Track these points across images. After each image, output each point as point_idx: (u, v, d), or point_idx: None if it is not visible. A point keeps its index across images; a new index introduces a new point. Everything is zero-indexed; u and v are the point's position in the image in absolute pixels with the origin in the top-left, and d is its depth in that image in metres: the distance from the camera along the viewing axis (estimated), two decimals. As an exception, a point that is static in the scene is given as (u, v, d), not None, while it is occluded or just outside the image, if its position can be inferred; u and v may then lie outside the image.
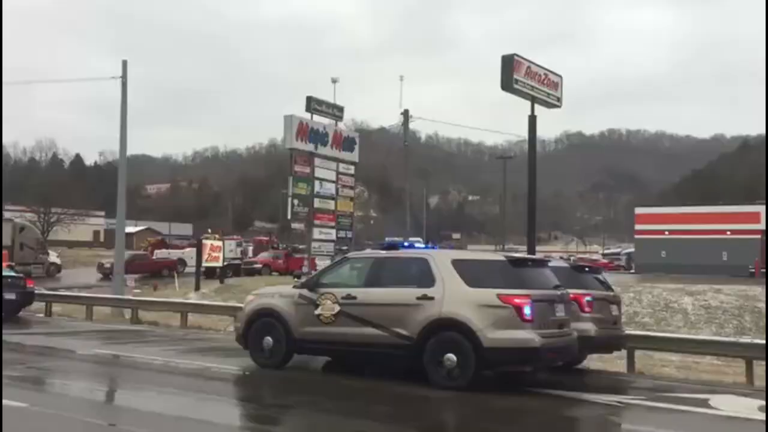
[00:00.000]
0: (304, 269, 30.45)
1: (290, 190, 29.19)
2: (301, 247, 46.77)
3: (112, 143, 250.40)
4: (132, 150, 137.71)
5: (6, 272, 18.80)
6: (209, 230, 48.94)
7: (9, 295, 17.41)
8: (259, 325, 10.61)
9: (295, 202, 29.08)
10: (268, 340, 10.49)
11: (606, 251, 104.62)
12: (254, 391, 9.98)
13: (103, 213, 74.59)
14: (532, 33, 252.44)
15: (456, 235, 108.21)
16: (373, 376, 10.30)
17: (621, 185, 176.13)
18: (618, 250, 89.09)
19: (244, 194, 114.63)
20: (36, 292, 19.65)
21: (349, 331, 9.85)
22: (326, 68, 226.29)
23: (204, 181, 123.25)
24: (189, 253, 40.12)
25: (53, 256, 37.21)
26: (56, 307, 20.27)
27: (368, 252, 13.87)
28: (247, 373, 10.53)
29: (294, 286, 10.96)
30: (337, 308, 9.96)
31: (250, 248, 46.86)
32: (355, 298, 9.88)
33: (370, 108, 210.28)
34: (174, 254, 40.78)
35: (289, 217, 29.25)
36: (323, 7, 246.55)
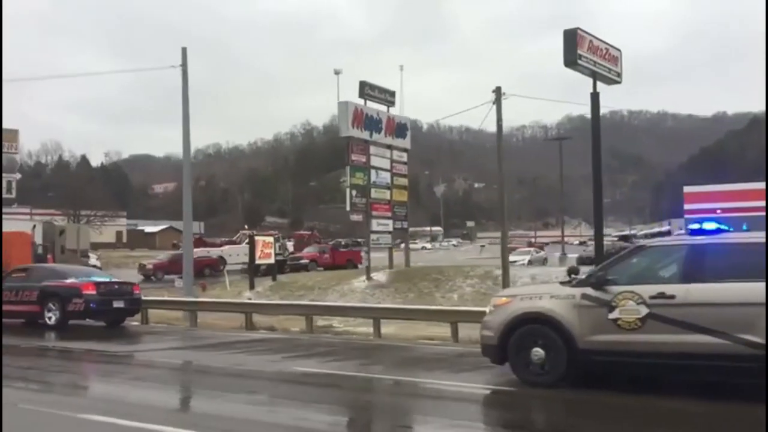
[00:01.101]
0: (365, 263, 29.32)
1: (348, 181, 28.01)
2: (342, 241, 45.59)
3: (115, 144, 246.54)
4: (134, 150, 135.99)
5: (109, 278, 17.53)
6: (246, 227, 47.71)
7: (118, 303, 16.13)
8: (523, 334, 8.59)
9: (353, 192, 27.92)
10: (539, 352, 8.45)
11: (619, 233, 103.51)
12: (543, 414, 8.00)
13: (125, 214, 73.19)
14: (531, 17, 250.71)
15: (470, 223, 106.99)
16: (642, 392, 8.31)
17: (625, 166, 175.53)
18: (653, 230, 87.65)
19: (252, 190, 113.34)
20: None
21: (664, 340, 7.83)
22: (325, 62, 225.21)
23: (210, 179, 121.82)
24: (227, 251, 38.91)
25: (93, 259, 36.00)
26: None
27: (673, 238, 11.85)
28: (509, 393, 8.58)
29: (567, 284, 8.86)
30: (644, 310, 7.97)
31: (288, 243, 45.51)
32: (672, 297, 7.89)
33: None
34: (213, 252, 39.53)
35: (348, 208, 28.05)
36: (317, 0, 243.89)
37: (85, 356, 13.03)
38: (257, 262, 29.68)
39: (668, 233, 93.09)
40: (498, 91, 18.61)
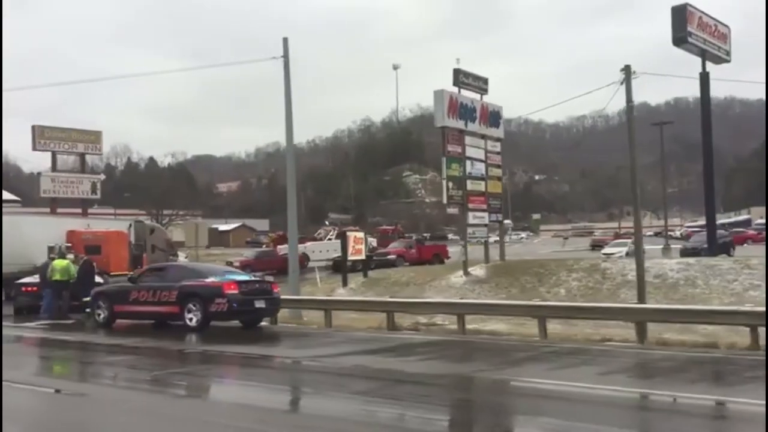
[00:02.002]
0: (461, 257, 28.27)
1: (443, 172, 27.01)
2: (426, 235, 44.61)
3: (180, 145, 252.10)
4: (196, 150, 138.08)
5: (248, 276, 16.86)
6: (327, 223, 47.24)
7: (259, 303, 15.20)
8: None
9: (450, 184, 26.92)
10: None
11: (691, 224, 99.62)
12: None
13: (201, 213, 74.01)
14: (589, 4, 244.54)
15: (535, 215, 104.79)
16: None
17: (692, 155, 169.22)
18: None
19: (313, 187, 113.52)
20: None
21: None
22: (378, 58, 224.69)
23: (273, 177, 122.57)
24: (310, 248, 38.39)
25: (182, 257, 36.03)
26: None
27: None
28: None
29: None
30: None
31: (370, 239, 44.75)
32: None
33: (431, 93, 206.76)
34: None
35: (444, 201, 27.06)
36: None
37: (260, 363, 11.81)
38: (349, 258, 28.92)
39: (748, 223, 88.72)
40: (627, 70, 17.31)
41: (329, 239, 40.57)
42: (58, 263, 19.04)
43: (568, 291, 24.71)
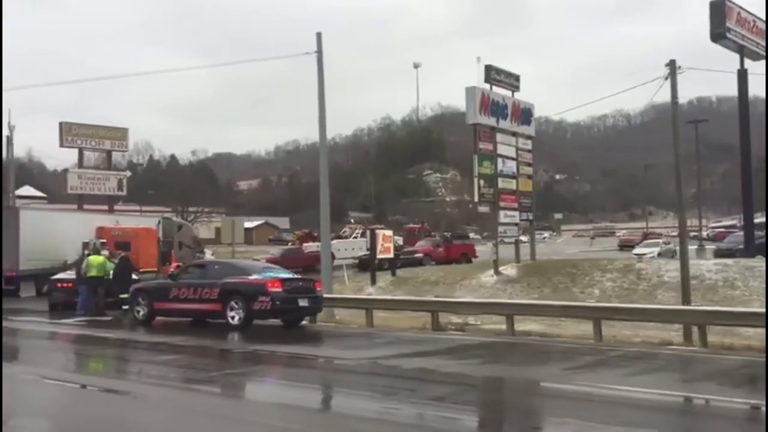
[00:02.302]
0: (492, 256, 27.89)
1: (475, 170, 26.65)
2: (447, 233, 44.20)
3: (199, 142, 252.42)
4: (216, 149, 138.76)
5: (290, 274, 16.46)
6: (351, 221, 46.93)
7: (303, 302, 14.82)
8: None
9: (481, 182, 26.57)
10: None
11: (715, 224, 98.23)
12: None
13: (224, 210, 74.13)
14: (607, 2, 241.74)
15: (557, 215, 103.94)
16: None
17: (716, 155, 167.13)
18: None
19: (334, 185, 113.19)
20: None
21: None
22: (397, 56, 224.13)
23: (293, 175, 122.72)
24: (336, 245, 38.09)
25: (208, 254, 36.04)
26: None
27: None
28: None
29: None
30: None
31: (395, 237, 44.37)
32: None
33: (452, 91, 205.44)
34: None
35: (476, 199, 26.73)
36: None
37: (317, 364, 11.44)
38: (378, 256, 28.64)
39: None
40: (672, 65, 16.84)
41: (354, 237, 40.29)
42: (94, 259, 18.87)
43: (603, 292, 24.25)
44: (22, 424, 6.87)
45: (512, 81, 28.37)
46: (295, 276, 15.93)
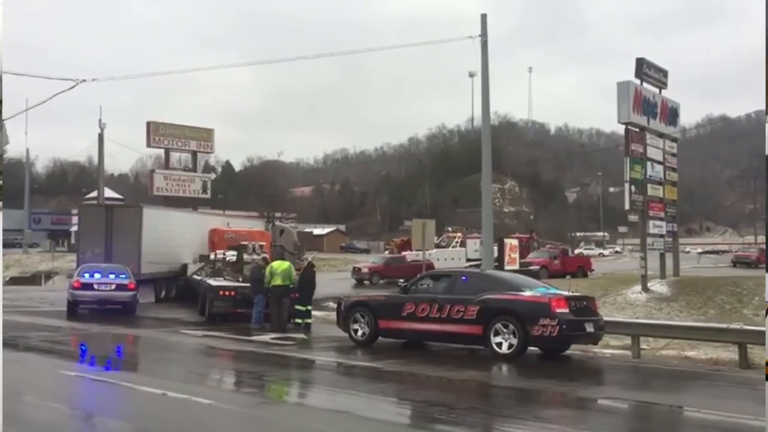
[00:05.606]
0: (641, 270, 25.11)
1: (626, 174, 24.04)
2: (560, 244, 41.46)
3: (256, 149, 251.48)
4: (266, 156, 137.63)
5: (567, 291, 13.46)
6: (449, 229, 44.54)
7: (589, 327, 11.98)
8: None
9: (632, 188, 23.91)
10: None
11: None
12: None
13: (295, 216, 72.44)
14: (666, 12, 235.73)
15: (622, 228, 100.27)
16: None
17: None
18: None
19: (389, 194, 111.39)
20: None
21: None
22: (448, 66, 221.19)
23: (346, 183, 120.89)
24: (435, 255, 35.81)
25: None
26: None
27: None
28: None
29: None
30: None
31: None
32: None
33: (504, 101, 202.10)
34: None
35: (627, 207, 24.06)
36: (443, 3, 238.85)
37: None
38: (505, 267, 26.12)
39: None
40: None
41: (454, 246, 37.87)
42: (279, 265, 16.46)
43: (782, 313, 21.37)
44: None
45: (661, 77, 25.68)
46: (578, 294, 12.80)
